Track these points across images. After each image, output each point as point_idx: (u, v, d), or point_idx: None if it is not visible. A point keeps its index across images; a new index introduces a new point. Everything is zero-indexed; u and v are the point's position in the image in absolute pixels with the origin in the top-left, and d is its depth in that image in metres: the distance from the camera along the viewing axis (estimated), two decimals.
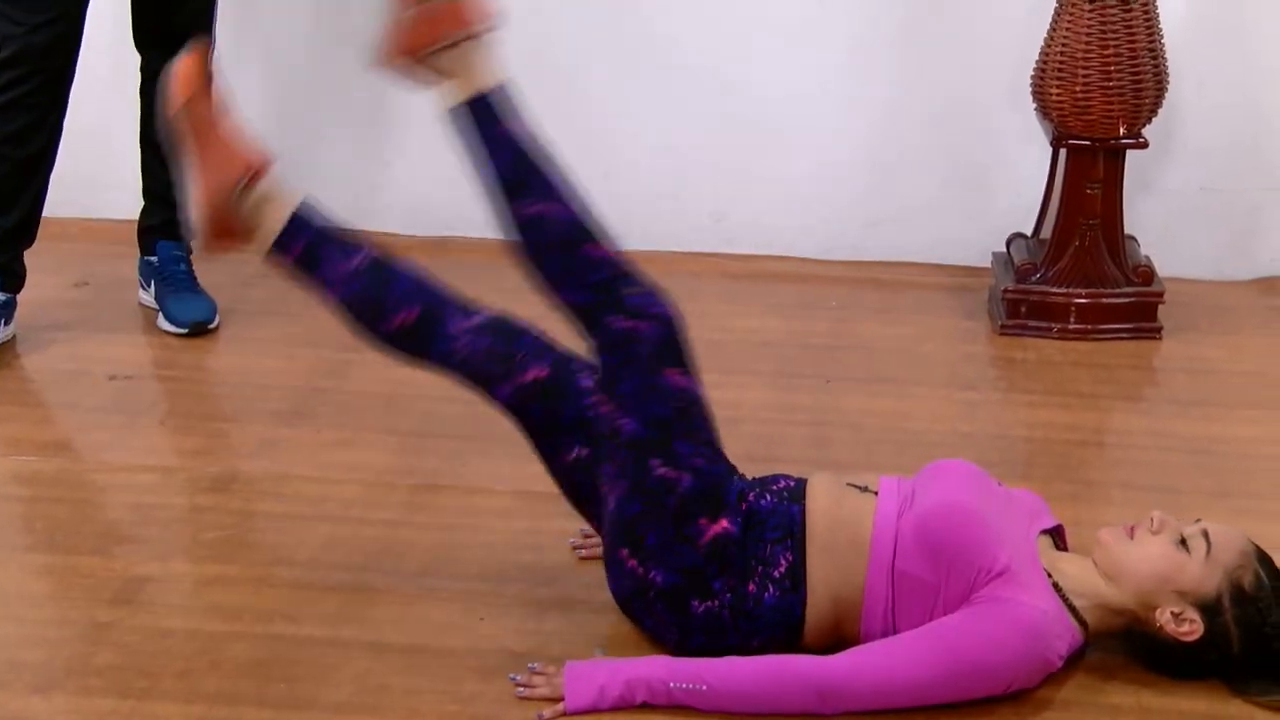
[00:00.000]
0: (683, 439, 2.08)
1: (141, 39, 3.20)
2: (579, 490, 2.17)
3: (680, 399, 2.10)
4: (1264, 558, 2.07)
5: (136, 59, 3.24)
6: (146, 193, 3.35)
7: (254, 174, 2.18)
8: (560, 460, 2.16)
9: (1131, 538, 2.08)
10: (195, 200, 2.19)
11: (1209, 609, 2.04)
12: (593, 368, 2.17)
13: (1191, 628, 2.04)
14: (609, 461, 2.09)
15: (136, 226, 3.38)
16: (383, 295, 2.15)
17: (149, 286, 3.35)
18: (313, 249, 2.18)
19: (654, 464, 2.06)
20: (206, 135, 2.19)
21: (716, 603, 2.06)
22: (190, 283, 3.31)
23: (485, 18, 2.13)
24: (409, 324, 2.14)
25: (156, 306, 3.31)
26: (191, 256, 3.36)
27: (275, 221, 2.18)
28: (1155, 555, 2.05)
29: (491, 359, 2.13)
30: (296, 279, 2.22)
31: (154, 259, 3.33)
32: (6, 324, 3.15)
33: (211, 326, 3.25)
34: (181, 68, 2.21)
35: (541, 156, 2.15)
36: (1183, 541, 2.05)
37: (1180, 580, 2.04)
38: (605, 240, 2.14)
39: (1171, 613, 2.05)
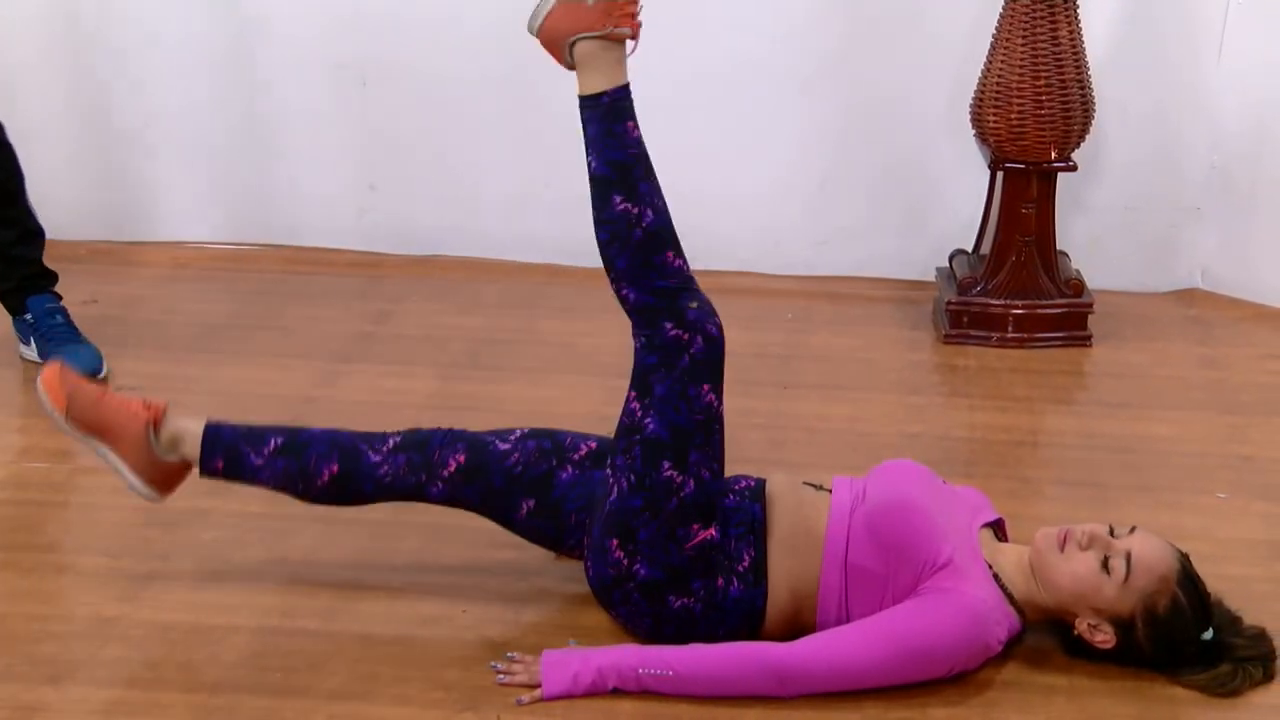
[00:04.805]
0: (697, 450, 2.07)
1: None
2: (546, 534, 2.19)
3: (705, 414, 2.08)
4: (1186, 580, 2.04)
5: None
6: None
7: (155, 419, 2.21)
8: (516, 519, 2.18)
9: (1062, 549, 2.05)
10: (128, 472, 2.21)
11: (1122, 626, 2.04)
12: (500, 434, 2.19)
13: (1105, 639, 2.05)
14: (622, 454, 2.09)
15: None
16: (304, 462, 2.18)
17: (30, 342, 3.06)
18: (232, 455, 2.20)
19: (665, 465, 2.06)
20: (101, 417, 2.20)
21: (692, 599, 2.07)
22: (71, 333, 3.03)
23: (619, 21, 2.11)
24: (336, 474, 2.18)
25: (41, 361, 2.96)
26: (63, 304, 3.09)
27: (193, 450, 2.21)
28: (1075, 574, 2.03)
29: (413, 469, 2.17)
30: (231, 481, 2.23)
31: (28, 316, 3.05)
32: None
33: (100, 376, 2.96)
34: (46, 382, 2.21)
35: (645, 161, 2.13)
36: (1107, 561, 2.02)
37: (1096, 601, 2.03)
38: (680, 253, 2.14)
39: (1088, 624, 2.05)
